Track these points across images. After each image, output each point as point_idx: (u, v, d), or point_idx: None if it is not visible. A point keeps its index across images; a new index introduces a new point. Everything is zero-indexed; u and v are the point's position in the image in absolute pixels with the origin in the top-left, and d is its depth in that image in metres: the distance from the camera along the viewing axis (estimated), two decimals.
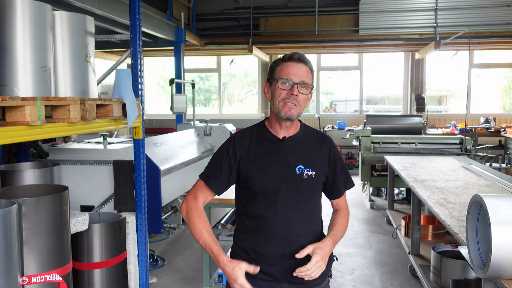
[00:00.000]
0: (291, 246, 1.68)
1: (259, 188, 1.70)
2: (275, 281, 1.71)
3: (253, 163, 1.72)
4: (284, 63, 1.68)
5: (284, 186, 1.69)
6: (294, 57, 1.68)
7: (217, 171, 1.75)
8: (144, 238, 3.26)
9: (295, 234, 1.69)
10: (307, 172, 1.70)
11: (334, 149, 1.80)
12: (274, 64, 1.72)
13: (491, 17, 7.80)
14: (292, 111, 1.65)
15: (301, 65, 1.67)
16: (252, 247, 1.72)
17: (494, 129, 8.25)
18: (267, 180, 1.69)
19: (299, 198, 1.70)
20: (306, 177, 1.70)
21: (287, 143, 1.73)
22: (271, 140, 1.74)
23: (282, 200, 1.69)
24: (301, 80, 1.65)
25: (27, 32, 2.19)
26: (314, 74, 1.74)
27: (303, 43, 8.63)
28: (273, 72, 1.71)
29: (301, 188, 1.70)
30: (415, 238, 3.85)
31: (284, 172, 1.70)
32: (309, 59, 1.74)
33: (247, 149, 1.74)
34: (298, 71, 1.66)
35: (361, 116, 9.57)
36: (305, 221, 1.71)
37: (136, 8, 3.08)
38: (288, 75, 1.65)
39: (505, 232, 1.49)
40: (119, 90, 2.84)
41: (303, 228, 1.71)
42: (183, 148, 5.10)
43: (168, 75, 10.92)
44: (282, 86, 1.66)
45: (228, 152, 1.75)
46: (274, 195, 1.69)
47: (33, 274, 2.09)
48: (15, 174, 2.92)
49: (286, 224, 1.69)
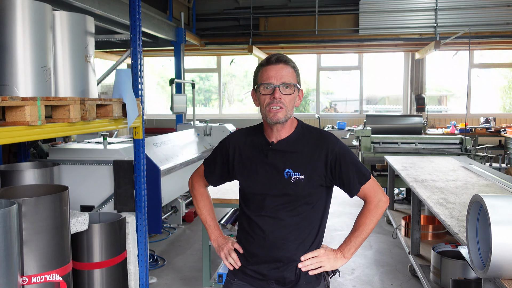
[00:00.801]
0: (279, 248, 1.70)
1: (248, 191, 1.75)
2: (264, 280, 1.74)
3: (244, 166, 1.76)
4: (263, 68, 1.66)
5: (272, 190, 1.69)
6: (272, 60, 1.65)
7: (212, 165, 1.89)
8: (144, 238, 3.26)
9: (282, 237, 1.69)
10: (295, 176, 1.67)
11: (334, 148, 1.69)
12: (255, 71, 1.71)
13: (491, 17, 7.79)
14: (278, 115, 1.63)
15: (280, 66, 1.64)
16: (245, 245, 1.78)
17: (494, 129, 8.25)
18: (255, 183, 1.72)
19: (288, 202, 1.69)
20: (294, 181, 1.67)
21: (276, 147, 1.71)
22: (262, 144, 1.75)
23: (269, 204, 1.70)
24: (282, 81, 1.62)
25: (27, 32, 2.19)
26: (298, 72, 1.70)
27: (303, 43, 8.62)
28: (256, 79, 1.70)
29: (289, 192, 1.68)
30: (415, 238, 3.85)
31: (272, 176, 1.70)
32: (309, 59, 1.73)
33: (240, 151, 1.78)
34: (278, 73, 1.63)
35: (361, 116, 9.57)
36: (294, 225, 1.69)
37: (136, 8, 3.08)
38: (268, 79, 1.63)
39: (505, 232, 1.49)
40: (119, 90, 2.84)
41: (292, 231, 1.69)
42: (183, 148, 5.11)
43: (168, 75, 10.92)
44: (264, 91, 1.65)
45: (222, 153, 1.84)
46: (262, 198, 1.71)
47: (33, 274, 2.09)
48: (15, 174, 2.92)
49: (273, 227, 1.69)
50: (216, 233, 1.90)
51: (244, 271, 1.79)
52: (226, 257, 1.82)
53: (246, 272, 1.78)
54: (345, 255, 1.74)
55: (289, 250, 1.70)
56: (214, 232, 1.91)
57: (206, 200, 1.95)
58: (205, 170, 1.91)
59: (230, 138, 1.83)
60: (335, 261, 1.73)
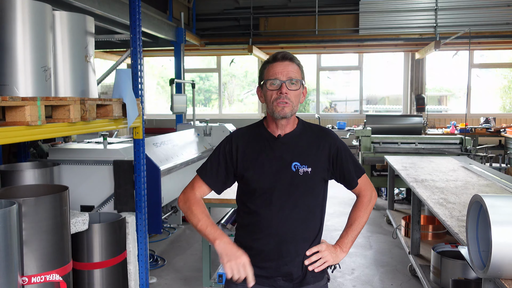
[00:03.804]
0: (287, 242, 1.71)
1: (255, 186, 1.73)
2: (271, 277, 1.73)
3: (250, 162, 1.75)
4: (270, 65, 1.71)
5: (280, 183, 1.71)
6: (278, 57, 1.70)
7: (213, 169, 1.80)
8: (144, 238, 3.26)
9: (291, 231, 1.71)
10: (303, 168, 1.71)
11: (335, 143, 1.78)
12: (261, 68, 1.76)
13: (491, 17, 7.79)
14: (285, 109, 1.67)
15: (286, 63, 1.69)
16: (250, 243, 1.75)
17: (494, 129, 8.25)
18: (263, 177, 1.72)
19: (296, 195, 1.71)
20: (302, 174, 1.71)
21: (283, 141, 1.75)
22: (267, 139, 1.76)
23: (277, 197, 1.70)
24: (289, 77, 1.67)
25: (27, 32, 2.19)
26: (303, 69, 1.75)
27: (303, 43, 8.62)
28: (261, 75, 1.75)
29: (297, 184, 1.71)
30: (415, 238, 3.85)
31: (280, 169, 1.71)
32: (309, 59, 1.75)
33: (244, 148, 1.77)
34: (284, 69, 1.68)
35: (361, 116, 9.57)
36: (302, 218, 1.72)
37: (136, 8, 3.08)
38: (275, 75, 1.68)
39: (505, 232, 1.49)
40: (119, 90, 2.84)
41: (299, 225, 1.72)
42: (183, 148, 5.11)
43: (168, 75, 10.93)
44: (271, 87, 1.69)
45: (225, 151, 1.79)
46: (270, 192, 1.71)
47: (33, 274, 2.09)
48: (15, 174, 2.93)
49: (282, 221, 1.70)
50: (226, 239, 1.67)
51: None
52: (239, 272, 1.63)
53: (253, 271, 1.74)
54: (343, 249, 1.79)
55: (296, 245, 1.72)
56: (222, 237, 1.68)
57: (203, 207, 1.78)
58: (205, 176, 1.79)
59: (232, 137, 1.83)
60: (337, 256, 1.77)
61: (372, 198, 1.85)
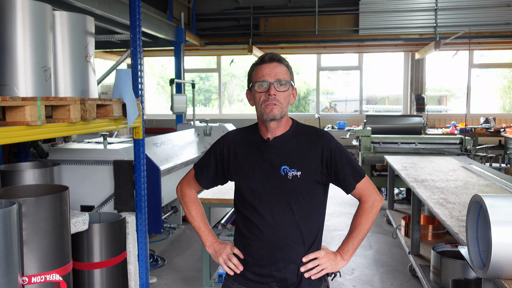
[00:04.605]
0: (280, 248, 1.68)
1: (245, 190, 1.73)
2: (265, 282, 1.71)
3: (240, 165, 1.74)
4: (257, 67, 1.68)
5: (268, 187, 1.68)
6: (265, 58, 1.67)
7: (204, 167, 1.85)
8: (144, 238, 3.26)
9: (283, 236, 1.67)
10: (292, 172, 1.66)
11: (329, 145, 1.70)
12: (249, 70, 1.73)
13: (491, 17, 7.79)
14: (274, 111, 1.64)
15: (274, 65, 1.66)
16: (244, 248, 1.74)
17: (494, 129, 8.25)
18: (252, 181, 1.70)
19: (286, 199, 1.67)
20: (291, 178, 1.66)
21: (272, 144, 1.71)
22: (257, 142, 1.74)
23: (267, 202, 1.68)
24: (277, 78, 1.64)
25: (27, 32, 2.19)
26: (292, 70, 1.72)
27: (303, 43, 8.62)
28: (250, 78, 1.72)
29: (287, 189, 1.67)
30: (415, 238, 3.85)
31: (269, 173, 1.68)
32: (309, 59, 1.74)
33: (235, 150, 1.76)
34: (272, 71, 1.64)
35: (361, 116, 9.57)
36: (294, 222, 1.68)
37: (136, 8, 3.08)
38: (263, 77, 1.65)
39: (505, 232, 1.49)
40: (119, 90, 2.84)
41: (292, 230, 1.68)
42: (183, 148, 5.11)
43: (168, 75, 10.93)
44: (259, 89, 1.66)
45: (216, 152, 1.81)
46: (259, 197, 1.69)
47: (33, 274, 2.09)
48: (15, 174, 2.92)
49: (273, 226, 1.67)
50: (211, 239, 1.83)
51: (244, 275, 1.75)
52: (226, 262, 1.76)
53: (247, 276, 1.74)
54: (344, 257, 1.74)
55: (290, 250, 1.68)
56: (208, 238, 1.84)
57: (198, 206, 1.88)
58: (197, 172, 1.86)
59: (225, 138, 1.82)
60: (336, 264, 1.73)
61: (375, 203, 1.74)
